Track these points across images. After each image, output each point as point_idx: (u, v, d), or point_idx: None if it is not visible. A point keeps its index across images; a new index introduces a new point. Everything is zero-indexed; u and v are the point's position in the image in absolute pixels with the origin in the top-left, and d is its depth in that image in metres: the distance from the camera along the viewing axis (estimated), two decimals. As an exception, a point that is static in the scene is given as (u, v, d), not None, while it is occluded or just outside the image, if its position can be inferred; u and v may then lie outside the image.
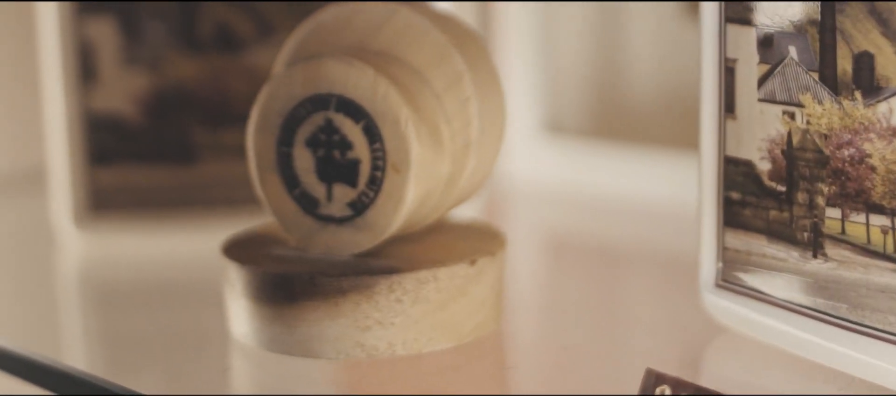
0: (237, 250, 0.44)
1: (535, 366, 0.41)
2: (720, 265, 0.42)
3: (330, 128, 0.41)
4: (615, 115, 0.70)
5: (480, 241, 0.44)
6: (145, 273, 0.54)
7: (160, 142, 0.57)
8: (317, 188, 0.42)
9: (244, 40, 0.57)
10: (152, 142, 0.57)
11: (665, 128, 0.68)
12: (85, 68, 0.57)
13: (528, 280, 0.49)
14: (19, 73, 0.70)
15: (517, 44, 0.70)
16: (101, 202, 0.57)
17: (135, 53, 0.57)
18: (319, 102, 0.41)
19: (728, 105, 0.41)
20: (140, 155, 0.57)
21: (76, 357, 0.46)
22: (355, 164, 0.41)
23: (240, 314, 0.43)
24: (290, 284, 0.41)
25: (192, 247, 0.56)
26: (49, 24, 0.56)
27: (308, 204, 0.42)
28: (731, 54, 0.40)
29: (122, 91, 0.57)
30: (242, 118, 0.56)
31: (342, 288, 0.41)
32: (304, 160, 0.42)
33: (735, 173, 0.41)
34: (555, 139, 0.69)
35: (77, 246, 0.57)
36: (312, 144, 0.42)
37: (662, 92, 0.69)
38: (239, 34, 0.57)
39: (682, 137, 0.67)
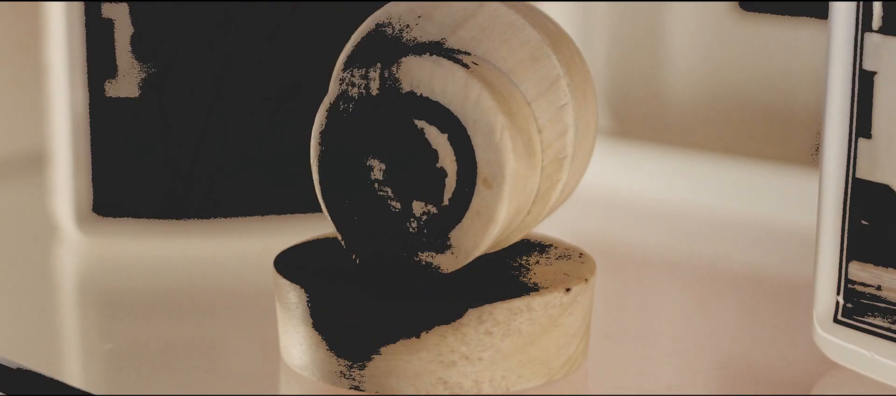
0: (292, 268, 0.39)
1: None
2: (840, 299, 0.38)
3: (410, 135, 0.36)
4: (650, 116, 0.66)
5: (568, 264, 0.39)
6: (156, 282, 0.49)
7: (176, 137, 0.52)
8: (392, 203, 0.37)
9: (276, 28, 0.51)
10: (168, 137, 0.52)
11: (704, 131, 0.64)
12: (95, 55, 0.51)
13: (597, 301, 0.45)
14: (25, 55, 0.64)
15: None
16: (106, 201, 0.52)
17: (151, 40, 0.51)
18: (399, 105, 0.36)
19: (862, 123, 0.36)
20: (153, 151, 0.52)
21: (74, 373, 0.42)
22: (439, 177, 0.36)
23: (298, 343, 0.38)
24: (365, 312, 0.36)
25: (209, 254, 0.51)
26: (57, 4, 0.51)
27: (380, 221, 0.37)
28: (868, 66, 0.36)
29: (136, 81, 0.51)
30: (270, 114, 0.52)
31: (425, 318, 0.36)
32: (377, 171, 0.37)
33: (868, 199, 0.36)
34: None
35: (78, 249, 0.52)
36: (389, 153, 0.37)
37: (700, 93, 0.65)
38: (270, 21, 0.51)
39: (722, 141, 0.64)
